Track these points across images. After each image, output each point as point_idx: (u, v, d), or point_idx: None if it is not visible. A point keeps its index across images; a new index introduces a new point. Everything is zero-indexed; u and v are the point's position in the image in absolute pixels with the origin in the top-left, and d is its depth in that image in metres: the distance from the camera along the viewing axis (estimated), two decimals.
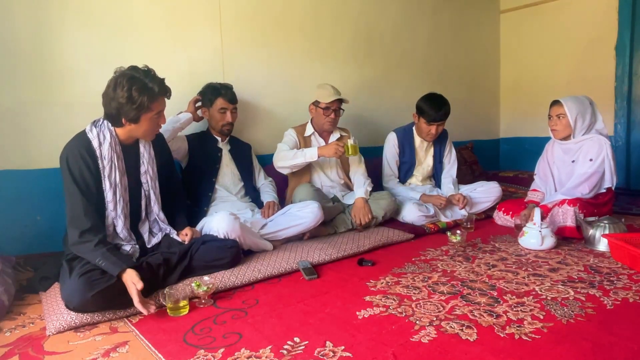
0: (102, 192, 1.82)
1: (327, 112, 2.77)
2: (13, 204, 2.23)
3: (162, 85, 1.85)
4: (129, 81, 1.76)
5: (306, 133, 2.88)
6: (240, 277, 1.95)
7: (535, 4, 4.40)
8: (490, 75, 4.72)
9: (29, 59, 2.25)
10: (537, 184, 2.93)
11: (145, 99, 1.78)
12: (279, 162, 2.69)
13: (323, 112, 2.78)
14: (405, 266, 2.14)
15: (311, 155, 2.62)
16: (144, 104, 1.78)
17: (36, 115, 2.27)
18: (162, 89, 1.85)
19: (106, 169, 1.82)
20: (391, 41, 3.78)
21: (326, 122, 2.80)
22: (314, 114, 2.86)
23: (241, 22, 2.94)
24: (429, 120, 2.97)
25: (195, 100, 2.63)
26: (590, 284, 1.82)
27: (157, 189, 2.03)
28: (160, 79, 1.85)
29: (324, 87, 2.80)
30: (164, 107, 1.90)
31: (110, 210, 1.85)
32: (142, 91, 1.77)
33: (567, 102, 2.67)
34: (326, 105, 2.76)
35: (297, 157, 2.64)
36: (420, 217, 2.83)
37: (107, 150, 1.82)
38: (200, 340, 1.45)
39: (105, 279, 1.63)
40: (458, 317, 1.54)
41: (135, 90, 1.76)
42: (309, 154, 2.63)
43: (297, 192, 2.66)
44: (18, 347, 1.46)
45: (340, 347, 1.35)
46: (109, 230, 1.86)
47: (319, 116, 2.82)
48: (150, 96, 1.79)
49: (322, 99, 2.76)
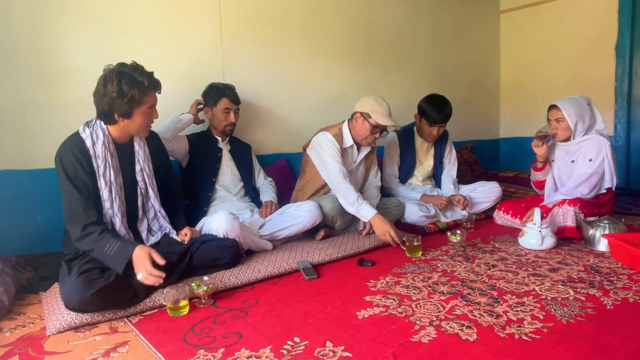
0: (97, 190, 1.83)
1: (374, 130, 2.58)
2: (13, 204, 2.23)
3: (152, 78, 1.85)
4: (118, 76, 1.77)
5: (345, 144, 2.67)
6: (240, 277, 1.95)
7: (535, 4, 4.40)
8: (490, 75, 4.73)
9: (29, 59, 2.25)
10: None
11: (136, 92, 1.78)
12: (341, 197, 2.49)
13: (370, 129, 2.58)
14: (405, 266, 2.14)
15: (363, 216, 2.47)
16: (135, 97, 1.78)
17: (36, 115, 2.27)
18: (152, 82, 1.84)
19: (100, 167, 1.83)
20: (391, 41, 3.78)
21: (369, 138, 2.63)
22: (359, 124, 2.61)
23: (241, 22, 2.94)
24: (431, 123, 2.96)
25: (198, 102, 2.63)
26: (590, 284, 1.82)
27: (154, 186, 2.03)
28: (149, 73, 1.85)
29: (381, 103, 2.58)
30: (155, 101, 1.90)
31: (107, 209, 1.85)
32: (132, 85, 1.77)
33: (564, 106, 2.65)
34: (377, 123, 2.56)
35: (351, 207, 2.47)
36: (422, 217, 2.83)
37: (100, 149, 1.83)
38: (200, 340, 1.45)
39: (104, 278, 1.64)
40: (458, 317, 1.54)
41: (125, 84, 1.76)
42: (361, 213, 2.46)
43: (321, 204, 2.57)
44: (18, 347, 1.46)
45: (340, 347, 1.35)
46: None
47: (363, 129, 2.60)
48: (141, 89, 1.79)
49: (377, 118, 2.53)
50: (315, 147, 2.65)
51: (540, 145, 2.75)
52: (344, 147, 2.68)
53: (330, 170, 2.56)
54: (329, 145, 2.60)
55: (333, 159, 2.57)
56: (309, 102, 3.20)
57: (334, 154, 2.58)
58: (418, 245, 2.29)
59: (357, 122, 2.62)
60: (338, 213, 2.58)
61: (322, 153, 2.60)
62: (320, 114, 2.86)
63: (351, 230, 2.76)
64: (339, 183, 2.52)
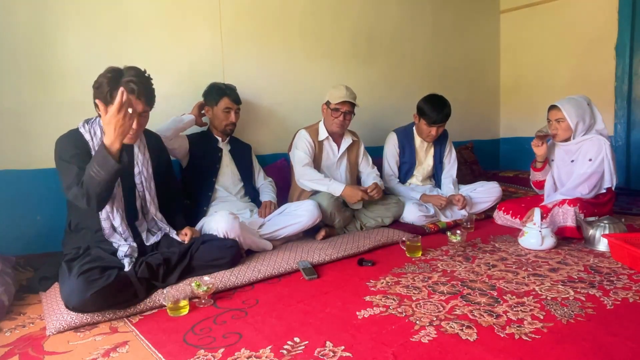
0: None
1: (335, 113, 2.72)
2: (13, 204, 2.23)
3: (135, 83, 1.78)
4: (106, 70, 1.79)
5: (320, 137, 2.82)
6: (240, 277, 1.95)
7: (535, 4, 4.41)
8: (490, 75, 4.73)
9: (29, 59, 2.25)
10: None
11: (105, 82, 1.76)
12: (304, 180, 2.67)
13: (332, 113, 2.73)
14: (405, 266, 2.14)
15: (334, 191, 2.62)
16: (103, 88, 1.75)
17: (36, 115, 2.27)
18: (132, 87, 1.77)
19: None
20: (391, 41, 3.78)
21: (334, 123, 2.75)
22: (325, 114, 2.80)
23: (241, 21, 2.94)
24: (430, 123, 2.97)
25: (200, 104, 2.63)
26: (590, 284, 1.82)
27: (152, 190, 2.02)
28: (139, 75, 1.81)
29: (337, 87, 2.74)
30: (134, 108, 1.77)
31: None
32: (106, 75, 1.77)
33: (565, 106, 2.66)
34: (335, 106, 2.71)
35: (321, 185, 2.64)
36: (421, 217, 2.83)
37: (98, 144, 1.83)
38: (200, 340, 1.44)
39: (104, 278, 1.63)
40: (458, 317, 1.54)
41: (102, 75, 1.78)
42: (332, 188, 2.62)
43: (318, 201, 2.60)
44: (18, 347, 1.46)
45: (340, 347, 1.35)
46: (106, 227, 1.86)
47: (328, 117, 2.77)
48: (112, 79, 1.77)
49: (333, 100, 2.71)
50: (292, 145, 2.82)
51: (540, 145, 2.76)
52: (320, 140, 2.82)
53: (296, 159, 2.74)
54: (301, 139, 2.77)
55: (300, 150, 2.74)
56: (309, 102, 3.20)
57: (303, 147, 2.74)
58: (418, 245, 2.29)
59: (325, 113, 2.81)
60: (336, 209, 2.60)
61: (293, 150, 2.79)
62: (320, 114, 2.87)
63: (351, 230, 2.76)
64: (301, 168, 2.68)
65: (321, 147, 2.83)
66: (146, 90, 1.84)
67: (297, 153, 2.73)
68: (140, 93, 1.81)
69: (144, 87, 1.83)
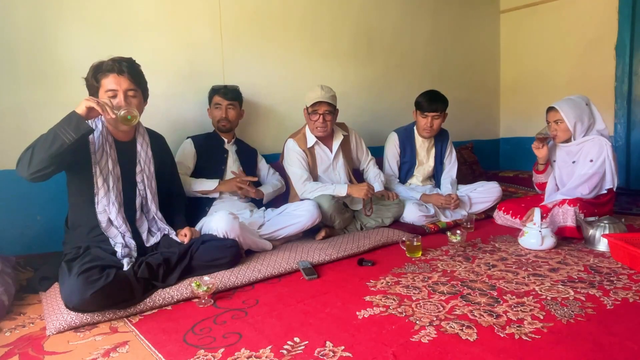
0: (91, 176, 1.84)
1: (314, 116, 2.65)
2: (13, 204, 2.23)
3: (117, 62, 1.82)
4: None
5: (309, 143, 2.75)
6: (240, 277, 1.95)
7: (535, 4, 4.40)
8: (490, 75, 4.72)
9: (29, 59, 2.25)
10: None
11: (91, 72, 1.81)
12: (308, 195, 2.65)
13: (311, 117, 2.67)
14: (405, 266, 2.14)
15: (339, 192, 2.64)
16: (88, 76, 1.83)
17: (36, 115, 2.27)
18: (113, 65, 1.82)
19: (96, 154, 1.84)
20: (391, 41, 3.78)
21: (315, 128, 2.68)
22: (306, 119, 2.75)
23: (241, 22, 2.94)
24: (424, 110, 2.98)
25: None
26: (590, 284, 1.82)
27: (153, 189, 2.02)
28: (119, 58, 1.85)
29: (312, 88, 2.68)
30: (118, 86, 1.83)
31: (101, 197, 1.86)
32: (93, 68, 1.82)
33: (562, 107, 2.65)
34: (312, 108, 2.65)
35: (326, 191, 2.63)
36: (421, 217, 2.83)
37: (98, 137, 1.85)
38: (200, 340, 1.44)
39: (104, 277, 1.63)
40: (458, 317, 1.54)
41: (90, 68, 1.82)
42: (337, 190, 2.64)
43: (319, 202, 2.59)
44: (18, 347, 1.46)
45: (340, 347, 1.35)
46: (103, 220, 1.86)
47: (309, 121, 2.72)
48: (97, 68, 1.81)
49: (308, 102, 2.66)
50: (284, 158, 2.79)
51: (541, 147, 2.76)
52: (309, 147, 2.75)
53: (293, 177, 2.73)
54: (291, 153, 2.72)
55: (295, 167, 2.71)
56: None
57: (295, 162, 2.71)
58: (418, 245, 2.29)
59: (306, 118, 2.76)
60: (336, 211, 2.59)
61: (286, 165, 2.77)
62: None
63: (351, 230, 2.76)
64: (301, 185, 2.68)
65: (313, 153, 2.77)
66: (129, 68, 1.86)
67: (293, 170, 2.71)
68: (122, 70, 1.83)
69: (127, 65, 1.86)
